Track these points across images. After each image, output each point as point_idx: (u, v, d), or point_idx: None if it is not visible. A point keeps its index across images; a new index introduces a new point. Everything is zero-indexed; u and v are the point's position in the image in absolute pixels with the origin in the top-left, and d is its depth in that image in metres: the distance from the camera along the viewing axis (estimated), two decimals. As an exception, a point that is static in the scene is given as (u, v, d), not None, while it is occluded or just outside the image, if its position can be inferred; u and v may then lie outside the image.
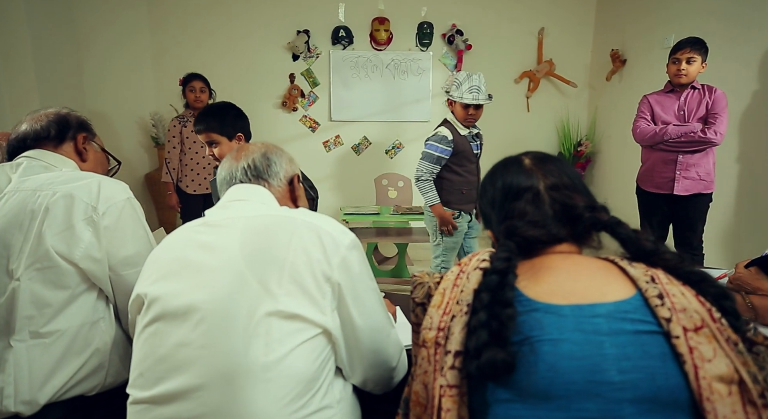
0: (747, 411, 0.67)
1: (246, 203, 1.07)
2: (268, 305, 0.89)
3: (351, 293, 0.97)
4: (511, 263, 0.80)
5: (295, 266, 0.92)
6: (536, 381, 0.70)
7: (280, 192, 1.16)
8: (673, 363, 0.69)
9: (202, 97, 3.67)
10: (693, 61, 2.85)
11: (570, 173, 0.94)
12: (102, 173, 1.45)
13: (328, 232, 0.98)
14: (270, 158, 1.17)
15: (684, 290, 0.76)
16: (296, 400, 0.87)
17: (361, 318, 0.98)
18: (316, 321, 0.91)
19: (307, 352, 0.90)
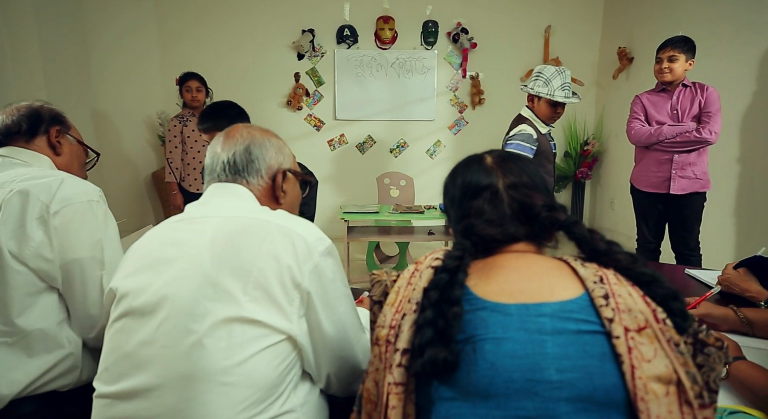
0: (683, 412, 0.66)
1: (223, 201, 1.05)
2: (231, 309, 0.88)
3: (321, 300, 0.96)
4: (462, 261, 0.80)
5: (263, 272, 0.90)
6: (477, 380, 0.70)
7: (260, 190, 1.11)
8: (612, 363, 0.68)
9: (198, 96, 3.67)
10: (675, 59, 2.83)
11: (530, 173, 0.93)
12: (79, 166, 1.43)
13: (303, 238, 0.96)
14: (252, 153, 1.10)
15: (632, 291, 0.75)
16: (255, 406, 0.86)
17: (330, 324, 0.97)
18: (281, 328, 0.90)
19: (270, 358, 0.89)
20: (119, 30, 4.56)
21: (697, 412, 0.66)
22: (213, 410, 0.84)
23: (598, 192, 5.23)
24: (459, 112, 5.14)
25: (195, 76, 3.70)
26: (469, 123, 5.15)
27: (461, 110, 5.13)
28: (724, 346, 0.80)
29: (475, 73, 5.03)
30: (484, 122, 5.10)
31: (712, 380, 0.79)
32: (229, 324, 0.87)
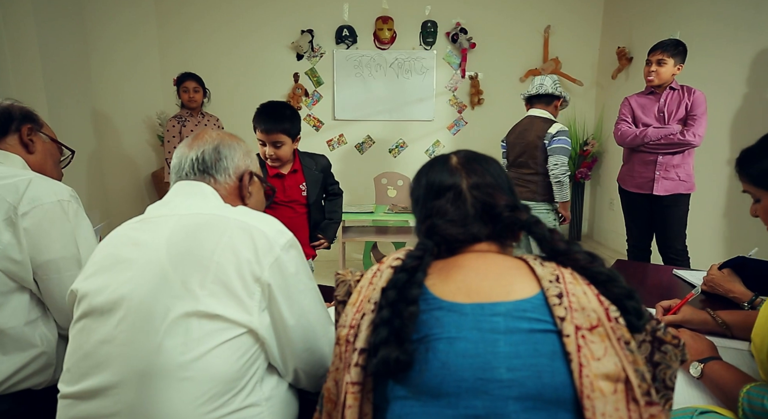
0: (629, 409, 0.67)
1: (186, 200, 1.06)
2: (188, 305, 0.88)
3: (283, 293, 0.96)
4: (422, 261, 0.80)
5: (221, 266, 0.91)
6: (429, 379, 0.70)
7: (227, 188, 1.13)
8: (562, 361, 0.69)
9: (195, 97, 3.69)
10: (663, 63, 2.86)
11: (495, 173, 0.94)
12: (53, 164, 1.44)
13: (263, 232, 0.97)
14: (221, 152, 1.13)
15: (587, 290, 0.75)
16: (214, 400, 0.87)
17: (293, 318, 0.98)
18: (240, 321, 0.90)
19: (229, 352, 0.89)
20: (119, 30, 4.59)
21: (643, 410, 0.67)
22: (171, 405, 0.85)
23: (598, 193, 5.21)
24: (458, 112, 5.13)
25: (192, 77, 3.71)
26: (468, 123, 5.15)
27: (460, 110, 5.13)
28: (680, 344, 0.81)
29: (474, 74, 5.03)
30: (483, 122, 5.10)
31: (668, 377, 0.79)
32: (186, 320, 0.88)
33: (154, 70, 4.88)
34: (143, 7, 4.75)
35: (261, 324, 0.93)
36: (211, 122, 3.88)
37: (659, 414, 0.68)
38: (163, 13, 4.83)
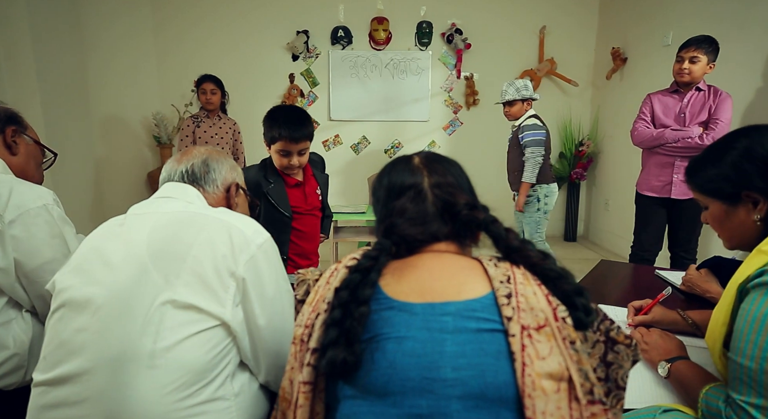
0: (571, 407, 0.68)
1: (171, 200, 1.09)
2: (164, 294, 0.91)
3: (256, 291, 0.98)
4: (377, 261, 0.81)
5: (198, 259, 0.94)
6: (376, 378, 0.71)
7: (215, 198, 1.19)
8: (507, 361, 0.70)
9: (213, 99, 3.68)
10: (697, 60, 2.68)
11: (456, 173, 0.95)
12: (35, 166, 1.46)
13: (240, 230, 1.00)
14: (210, 165, 1.19)
15: (537, 290, 0.76)
16: (183, 389, 0.89)
17: (264, 317, 1.00)
18: (214, 312, 0.93)
19: (201, 343, 0.92)
20: (117, 31, 4.63)
21: (584, 408, 0.68)
22: (139, 392, 0.87)
23: (594, 193, 5.21)
24: (453, 112, 5.15)
25: (210, 79, 3.69)
26: (463, 124, 5.16)
27: (456, 110, 5.14)
28: (632, 344, 0.82)
29: (469, 74, 5.04)
30: (479, 122, 5.10)
31: (620, 377, 0.80)
32: (161, 309, 0.90)
33: (151, 73, 4.90)
34: (141, 12, 4.78)
35: (234, 318, 0.95)
36: (227, 125, 3.84)
37: (601, 413, 0.69)
38: (160, 18, 4.85)
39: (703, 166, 1.10)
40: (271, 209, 2.00)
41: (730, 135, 1.08)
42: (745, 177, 1.02)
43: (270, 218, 1.99)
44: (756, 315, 0.91)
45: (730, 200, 1.06)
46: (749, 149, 1.02)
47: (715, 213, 1.11)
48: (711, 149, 1.10)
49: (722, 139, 1.09)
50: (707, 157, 1.09)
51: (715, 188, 1.07)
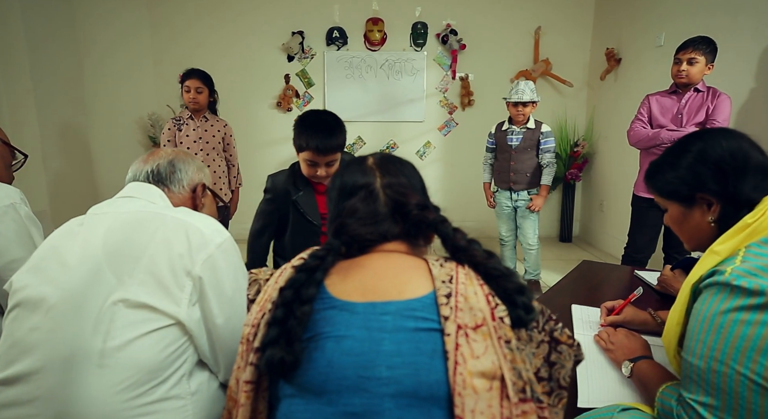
0: (502, 406, 0.69)
1: (132, 200, 1.10)
2: (116, 293, 0.92)
3: (214, 290, 0.99)
4: (324, 261, 0.82)
5: (153, 258, 0.95)
6: (313, 377, 0.72)
7: (180, 198, 1.20)
8: (441, 360, 0.71)
9: (198, 98, 3.13)
10: (695, 62, 2.66)
11: (409, 174, 0.96)
12: (5, 167, 1.48)
13: (199, 229, 1.01)
14: (176, 165, 1.21)
15: (478, 290, 0.77)
16: (134, 388, 0.90)
17: (222, 316, 1.00)
18: (168, 311, 0.94)
19: (154, 342, 0.92)
20: (113, 32, 4.65)
21: (513, 406, 0.69)
22: (89, 391, 0.88)
23: (589, 194, 5.21)
24: (449, 113, 5.15)
25: (196, 75, 3.15)
26: (458, 124, 5.16)
27: (451, 111, 5.15)
28: (574, 344, 0.83)
29: (464, 75, 5.05)
30: (474, 123, 5.11)
31: (562, 377, 0.82)
32: (113, 308, 0.91)
33: (147, 73, 4.92)
34: (137, 10, 4.80)
35: (190, 317, 0.96)
36: (215, 127, 3.27)
37: (531, 411, 0.70)
38: (156, 18, 4.88)
39: (661, 169, 1.11)
40: (299, 217, 1.93)
41: (686, 138, 1.09)
42: (699, 180, 1.03)
43: (299, 227, 1.94)
44: (706, 315, 0.92)
45: (686, 202, 1.07)
46: (703, 152, 1.03)
47: (673, 215, 1.12)
48: (668, 152, 1.11)
49: (679, 142, 1.10)
50: (665, 160, 1.11)
51: (672, 190, 1.08)
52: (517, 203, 3.52)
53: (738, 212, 0.99)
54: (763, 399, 0.84)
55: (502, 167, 3.50)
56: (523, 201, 3.49)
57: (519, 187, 3.46)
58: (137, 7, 4.79)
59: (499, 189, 3.60)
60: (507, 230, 3.65)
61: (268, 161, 5.03)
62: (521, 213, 3.52)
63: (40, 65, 3.83)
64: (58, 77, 4.08)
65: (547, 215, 5.33)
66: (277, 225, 2.00)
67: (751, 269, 0.88)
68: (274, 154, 5.09)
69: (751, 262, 0.90)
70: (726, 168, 1.00)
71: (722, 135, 1.03)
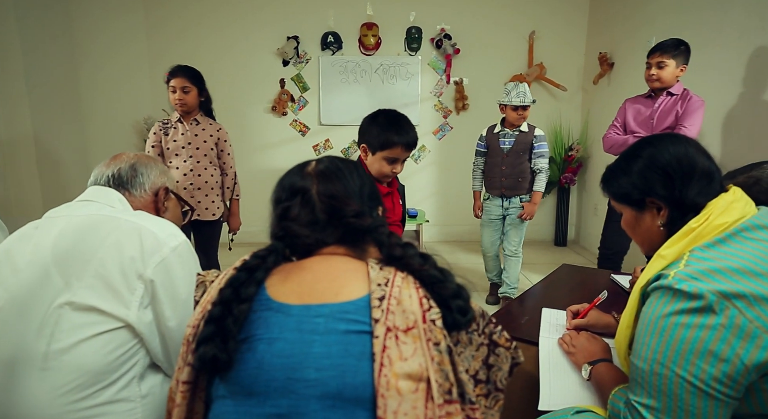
0: (427, 407, 0.70)
1: (90, 203, 1.11)
2: (63, 297, 0.93)
3: (167, 293, 1.00)
4: (265, 261, 0.83)
5: (103, 261, 0.96)
6: (243, 378, 0.73)
7: (142, 202, 1.21)
8: (368, 362, 0.72)
9: (186, 98, 2.74)
10: (664, 65, 2.70)
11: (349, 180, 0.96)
12: None
13: (153, 233, 1.02)
14: (137, 169, 1.21)
15: (413, 293, 0.78)
16: (78, 391, 0.91)
17: (175, 318, 1.02)
18: (117, 314, 0.95)
19: (101, 345, 0.94)
20: (109, 39, 4.69)
21: (438, 408, 0.70)
22: (31, 394, 0.89)
23: (584, 198, 5.21)
24: (443, 117, 5.17)
25: (183, 72, 2.76)
26: (453, 128, 5.18)
27: (445, 115, 5.16)
28: (512, 347, 0.84)
29: (459, 79, 5.06)
30: (469, 127, 5.12)
31: (499, 379, 0.83)
32: (58, 311, 0.92)
33: (143, 75, 4.97)
34: (134, 14, 4.85)
35: (140, 320, 0.97)
36: (208, 131, 2.87)
37: (456, 412, 0.71)
38: (153, 21, 4.92)
39: (614, 173, 1.12)
40: None
41: (637, 144, 1.11)
42: (648, 184, 1.04)
43: None
44: (650, 319, 0.93)
45: (637, 206, 1.08)
46: (652, 157, 1.04)
47: (627, 219, 1.13)
48: (622, 157, 1.13)
49: (631, 147, 1.11)
50: (618, 165, 1.12)
51: (623, 194, 1.10)
52: (508, 210, 3.38)
53: (684, 216, 1.00)
54: (700, 402, 0.85)
55: (493, 171, 3.36)
56: (514, 209, 3.34)
57: (511, 193, 3.32)
58: (133, 11, 4.84)
59: (490, 196, 3.45)
60: (490, 243, 3.47)
61: (263, 165, 5.05)
62: (510, 221, 3.38)
63: (35, 69, 3.87)
64: (53, 81, 4.11)
65: (542, 219, 5.33)
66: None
67: (692, 273, 0.89)
68: (269, 158, 5.11)
69: (693, 266, 0.91)
70: (672, 173, 1.01)
71: (670, 141, 1.05)
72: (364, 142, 1.83)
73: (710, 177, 1.01)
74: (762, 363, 0.81)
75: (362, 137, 1.85)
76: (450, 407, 0.71)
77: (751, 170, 1.30)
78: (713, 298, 0.85)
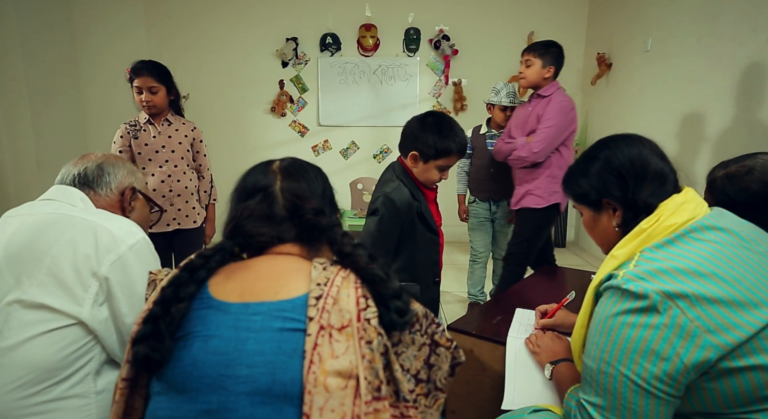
0: (355, 404, 0.70)
1: (51, 202, 1.12)
2: (12, 294, 0.95)
3: (124, 291, 1.01)
4: (209, 260, 0.84)
5: (56, 260, 0.97)
6: (177, 375, 0.74)
7: (107, 201, 1.21)
8: (299, 359, 0.72)
9: (154, 99, 2.47)
10: (530, 64, 2.65)
11: (312, 179, 0.98)
12: None
13: (109, 231, 1.03)
14: (104, 169, 1.22)
15: (352, 293, 0.78)
16: (27, 387, 0.92)
17: (132, 316, 1.02)
18: (69, 312, 0.96)
19: (52, 342, 0.95)
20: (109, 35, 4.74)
21: (365, 405, 0.70)
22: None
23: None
24: (442, 118, 5.16)
25: (145, 70, 2.50)
26: (452, 129, 5.17)
27: (444, 116, 5.16)
28: (452, 347, 0.85)
29: (457, 80, 5.06)
30: (467, 127, 5.03)
31: (438, 378, 0.84)
32: (6, 308, 0.94)
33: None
34: (133, 10, 4.90)
35: (93, 317, 0.98)
36: (181, 131, 2.59)
37: (384, 409, 0.71)
38: (152, 21, 4.97)
39: (574, 174, 1.13)
40: (424, 229, 1.77)
41: (596, 145, 1.11)
42: (604, 185, 1.05)
43: (423, 240, 1.78)
44: (600, 318, 0.94)
45: (594, 207, 1.09)
46: (608, 159, 1.05)
47: (586, 219, 1.14)
48: (581, 158, 1.13)
49: (590, 148, 1.12)
50: (578, 166, 1.13)
51: (582, 195, 1.10)
52: (496, 214, 3.19)
53: (637, 217, 1.00)
54: (643, 400, 0.85)
55: (480, 174, 3.16)
56: (503, 213, 3.17)
57: (500, 197, 3.13)
58: (133, 8, 4.89)
59: (476, 200, 3.22)
60: (482, 246, 3.25)
61: (262, 166, 5.08)
62: (499, 226, 3.22)
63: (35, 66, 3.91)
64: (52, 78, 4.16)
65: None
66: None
67: (640, 273, 0.90)
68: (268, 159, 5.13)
69: (642, 266, 0.91)
70: (626, 175, 1.02)
71: (625, 142, 1.05)
72: (416, 150, 1.70)
73: (663, 178, 1.01)
74: (700, 362, 0.82)
75: (412, 144, 1.71)
76: (378, 404, 0.72)
77: (744, 160, 1.31)
78: (657, 298, 0.85)
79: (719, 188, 1.33)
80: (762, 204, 1.25)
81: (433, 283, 1.86)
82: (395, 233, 1.72)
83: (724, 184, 1.31)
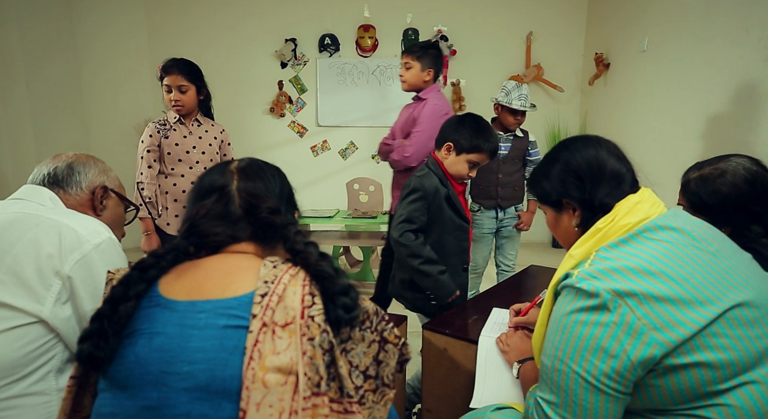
0: (294, 399, 0.71)
1: (19, 202, 1.13)
2: None
3: (87, 290, 1.02)
4: (161, 259, 0.85)
5: (17, 258, 0.99)
6: (120, 372, 0.75)
7: (78, 200, 1.22)
8: (240, 356, 0.73)
9: (183, 99, 2.43)
10: (409, 66, 2.60)
11: (270, 179, 0.99)
12: None
13: (74, 230, 1.04)
14: (74, 168, 1.23)
15: (298, 290, 0.79)
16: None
17: None
18: (29, 310, 0.97)
19: (12, 340, 0.96)
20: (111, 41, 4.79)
21: (303, 400, 0.71)
22: None
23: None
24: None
25: (176, 68, 2.44)
26: (450, 129, 5.18)
27: (443, 116, 5.17)
28: (399, 343, 0.86)
29: (456, 80, 5.07)
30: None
31: (386, 375, 0.85)
32: None
33: (144, 77, 5.05)
34: (135, 16, 4.95)
35: (55, 315, 0.99)
36: (211, 133, 2.56)
37: (322, 405, 0.72)
38: (154, 23, 5.02)
39: (537, 175, 1.14)
40: (453, 215, 1.88)
41: (557, 147, 1.12)
42: (564, 186, 1.06)
43: (452, 225, 1.88)
44: (555, 317, 0.94)
45: (556, 208, 1.10)
46: (567, 161, 1.06)
47: (549, 219, 1.15)
48: (544, 160, 1.14)
49: (551, 150, 1.13)
50: (541, 167, 1.14)
51: (544, 196, 1.11)
52: (502, 222, 2.95)
53: (594, 217, 1.01)
54: (592, 396, 0.86)
55: (487, 180, 2.87)
56: (510, 219, 2.95)
57: (507, 203, 2.91)
58: (135, 13, 4.94)
59: (481, 208, 2.95)
60: (482, 258, 3.02)
61: (262, 166, 5.11)
62: (506, 233, 2.99)
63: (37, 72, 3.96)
64: (54, 84, 4.21)
65: (541, 220, 5.30)
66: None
67: (593, 273, 0.90)
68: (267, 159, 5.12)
69: (596, 265, 0.92)
70: (583, 176, 1.03)
71: (583, 144, 1.06)
72: (451, 141, 1.84)
73: (619, 179, 1.02)
74: (646, 358, 0.82)
75: (449, 135, 1.85)
76: (317, 399, 0.72)
77: (718, 162, 1.32)
78: (608, 296, 0.86)
79: (692, 190, 1.33)
80: (733, 208, 1.26)
81: (462, 270, 1.96)
82: (423, 211, 1.84)
83: (697, 186, 1.32)
